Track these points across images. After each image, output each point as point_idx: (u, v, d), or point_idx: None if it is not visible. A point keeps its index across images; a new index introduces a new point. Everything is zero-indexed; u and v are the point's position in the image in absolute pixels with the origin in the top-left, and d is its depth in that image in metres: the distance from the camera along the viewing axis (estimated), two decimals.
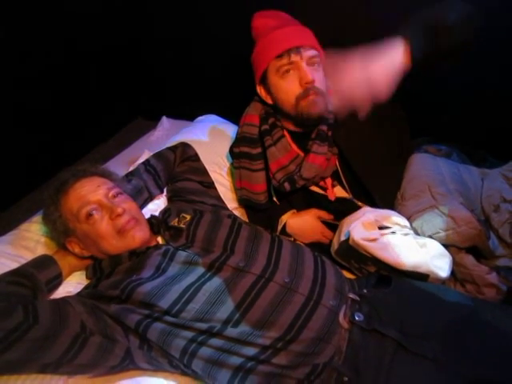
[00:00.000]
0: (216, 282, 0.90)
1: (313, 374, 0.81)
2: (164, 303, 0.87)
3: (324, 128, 1.15)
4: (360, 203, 1.19)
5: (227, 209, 1.30)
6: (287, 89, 1.11)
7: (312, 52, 1.10)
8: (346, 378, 0.80)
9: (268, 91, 1.19)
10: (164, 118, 1.90)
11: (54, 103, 1.99)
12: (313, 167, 1.16)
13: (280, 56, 1.09)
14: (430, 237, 1.01)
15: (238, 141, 1.28)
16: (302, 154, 1.21)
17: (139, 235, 0.99)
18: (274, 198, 1.30)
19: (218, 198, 1.32)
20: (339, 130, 1.14)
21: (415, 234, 1.04)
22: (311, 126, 1.17)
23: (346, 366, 0.81)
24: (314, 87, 1.09)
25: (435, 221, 1.01)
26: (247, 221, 1.34)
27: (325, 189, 1.23)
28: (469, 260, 0.98)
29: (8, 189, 1.85)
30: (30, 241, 1.11)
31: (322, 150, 1.15)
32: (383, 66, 0.83)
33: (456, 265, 0.99)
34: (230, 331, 0.84)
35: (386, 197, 1.14)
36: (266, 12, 1.19)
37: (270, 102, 1.21)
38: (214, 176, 1.38)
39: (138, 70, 2.27)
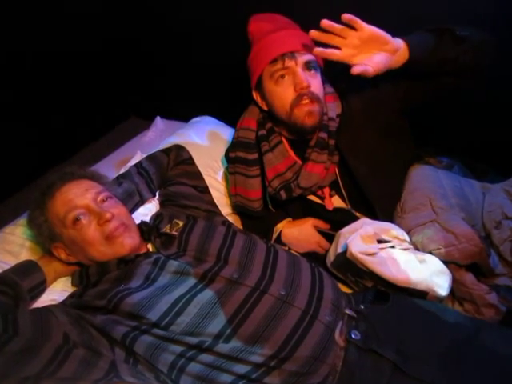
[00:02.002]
0: (208, 293, 0.87)
1: None
2: (153, 315, 0.84)
3: (324, 136, 1.11)
4: (358, 214, 1.16)
5: (221, 215, 1.27)
6: (281, 95, 1.08)
7: (308, 57, 1.06)
8: None
9: (263, 97, 1.15)
10: (158, 119, 1.86)
11: (44, 99, 1.94)
12: (311, 176, 1.13)
13: (274, 61, 1.06)
14: (430, 252, 0.98)
15: (234, 145, 1.24)
16: (299, 162, 1.17)
17: (128, 242, 0.96)
18: (270, 206, 1.26)
19: (212, 203, 1.29)
20: (344, 137, 1.11)
21: (415, 248, 1.01)
22: (307, 135, 1.14)
23: None
24: (310, 92, 1.05)
25: (436, 236, 0.98)
26: (241, 227, 1.31)
27: (322, 198, 1.19)
28: (469, 278, 0.96)
29: None
30: (14, 245, 1.07)
31: (321, 159, 1.12)
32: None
33: (455, 283, 0.96)
34: (221, 347, 0.80)
35: (386, 208, 1.11)
36: (261, 15, 1.15)
37: (265, 108, 1.17)
38: (208, 180, 1.34)
39: (133, 67, 2.23)
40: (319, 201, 1.21)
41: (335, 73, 1.19)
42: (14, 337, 0.77)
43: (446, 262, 0.96)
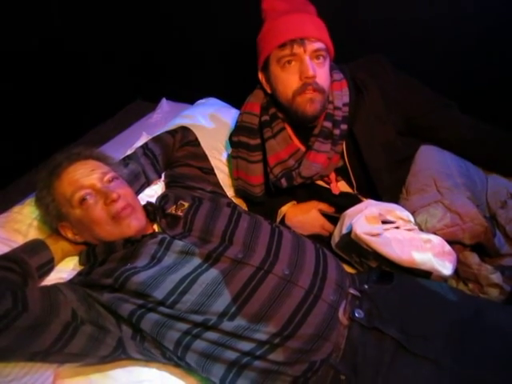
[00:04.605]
0: (213, 273, 0.87)
1: (309, 371, 0.79)
2: (159, 294, 0.85)
3: (328, 125, 1.10)
4: (364, 199, 1.15)
5: (227, 196, 1.27)
6: (286, 81, 1.06)
7: (317, 45, 1.04)
8: (342, 377, 0.78)
9: (268, 80, 1.14)
10: (164, 101, 1.85)
11: (54, 81, 1.94)
12: (313, 166, 1.12)
13: (283, 45, 1.03)
14: (435, 233, 0.98)
15: (237, 129, 1.23)
16: (303, 149, 1.16)
17: (135, 224, 0.96)
18: (273, 190, 1.25)
19: (218, 184, 1.29)
20: (361, 126, 1.10)
21: (419, 229, 1.01)
22: (308, 123, 1.12)
23: (343, 363, 0.79)
24: (315, 83, 1.03)
25: (440, 216, 0.97)
26: (247, 209, 1.31)
27: (328, 183, 1.19)
28: (473, 259, 0.96)
29: (4, 168, 1.82)
30: (22, 224, 1.08)
31: (324, 148, 1.11)
32: None
33: (460, 263, 0.96)
34: (226, 325, 0.81)
35: (393, 193, 1.10)
36: None
37: (269, 91, 1.16)
38: (213, 162, 1.34)
39: (140, 50, 2.21)
40: (325, 185, 1.20)
41: (356, 64, 1.17)
42: (24, 313, 0.78)
43: (450, 242, 0.96)
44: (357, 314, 0.84)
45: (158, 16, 2.02)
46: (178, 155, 1.29)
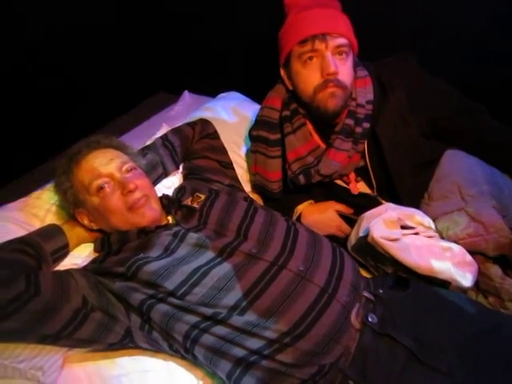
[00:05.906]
0: (226, 267, 0.86)
1: (318, 375, 0.77)
2: (169, 284, 0.84)
3: (350, 122, 1.07)
4: (383, 201, 1.13)
5: (244, 191, 1.26)
6: (307, 78, 1.04)
7: (340, 40, 1.01)
8: (351, 382, 0.76)
9: (289, 76, 1.12)
10: (186, 93, 1.85)
11: (76, 71, 1.96)
12: (332, 164, 1.09)
13: (304, 41, 1.02)
14: (456, 242, 0.94)
15: (257, 124, 1.21)
16: (323, 146, 1.14)
17: (149, 214, 0.96)
18: (291, 187, 1.24)
19: (236, 179, 1.28)
20: (384, 127, 1.07)
21: (440, 237, 0.98)
22: (330, 120, 1.10)
23: (352, 368, 0.77)
24: (336, 79, 1.01)
25: (463, 225, 0.94)
26: (263, 205, 1.30)
27: (347, 182, 1.16)
28: (495, 271, 0.92)
29: (21, 157, 1.84)
30: (40, 209, 1.09)
31: (344, 147, 1.08)
32: None
33: (481, 275, 0.93)
34: (236, 319, 0.80)
35: (414, 197, 1.07)
36: None
37: (290, 87, 1.14)
38: (232, 156, 1.33)
39: (164, 41, 2.22)
40: (344, 185, 1.18)
41: (383, 62, 1.15)
42: (35, 296, 0.79)
43: (471, 253, 0.93)
44: (370, 319, 0.81)
45: (182, 9, 2.02)
46: (197, 147, 1.29)
